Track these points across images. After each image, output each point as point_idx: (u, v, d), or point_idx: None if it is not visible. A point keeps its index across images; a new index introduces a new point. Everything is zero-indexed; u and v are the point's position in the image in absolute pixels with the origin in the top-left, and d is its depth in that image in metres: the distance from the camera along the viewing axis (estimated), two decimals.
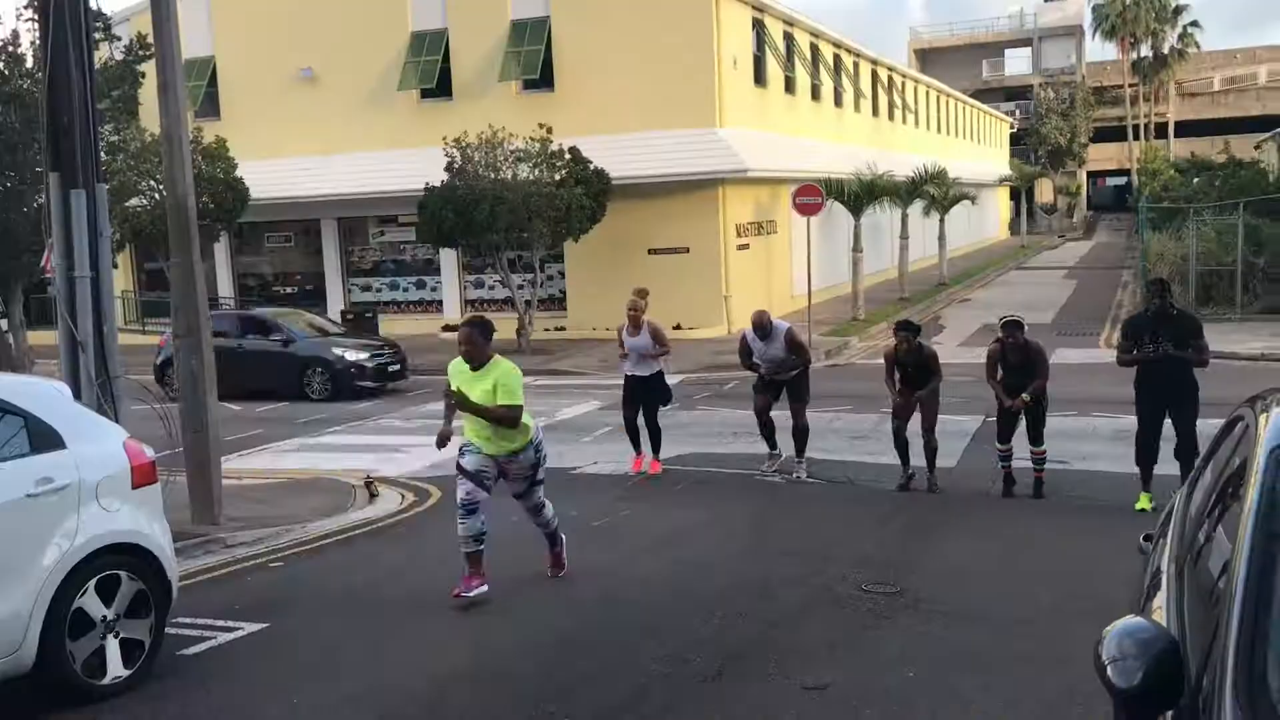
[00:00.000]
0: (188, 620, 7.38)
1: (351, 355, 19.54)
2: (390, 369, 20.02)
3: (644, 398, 12.20)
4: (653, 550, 9.12)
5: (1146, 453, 10.03)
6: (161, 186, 20.57)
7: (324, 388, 19.23)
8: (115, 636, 6.17)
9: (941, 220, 36.76)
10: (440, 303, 28.61)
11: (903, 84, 45.40)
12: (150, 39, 10.96)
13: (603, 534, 9.73)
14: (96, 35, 12.65)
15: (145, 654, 6.33)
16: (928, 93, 50.35)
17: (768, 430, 12.16)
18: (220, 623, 7.45)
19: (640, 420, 12.27)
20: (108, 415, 8.51)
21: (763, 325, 11.69)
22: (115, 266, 10.80)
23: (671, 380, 20.38)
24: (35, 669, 5.81)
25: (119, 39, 20.39)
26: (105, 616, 6.13)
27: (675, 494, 11.39)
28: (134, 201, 24.45)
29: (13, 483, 5.86)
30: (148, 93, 16.44)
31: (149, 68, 14.34)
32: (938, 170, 33.98)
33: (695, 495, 11.32)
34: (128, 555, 6.31)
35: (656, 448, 12.34)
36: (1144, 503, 9.99)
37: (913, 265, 34.30)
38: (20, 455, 5.99)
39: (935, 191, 34.61)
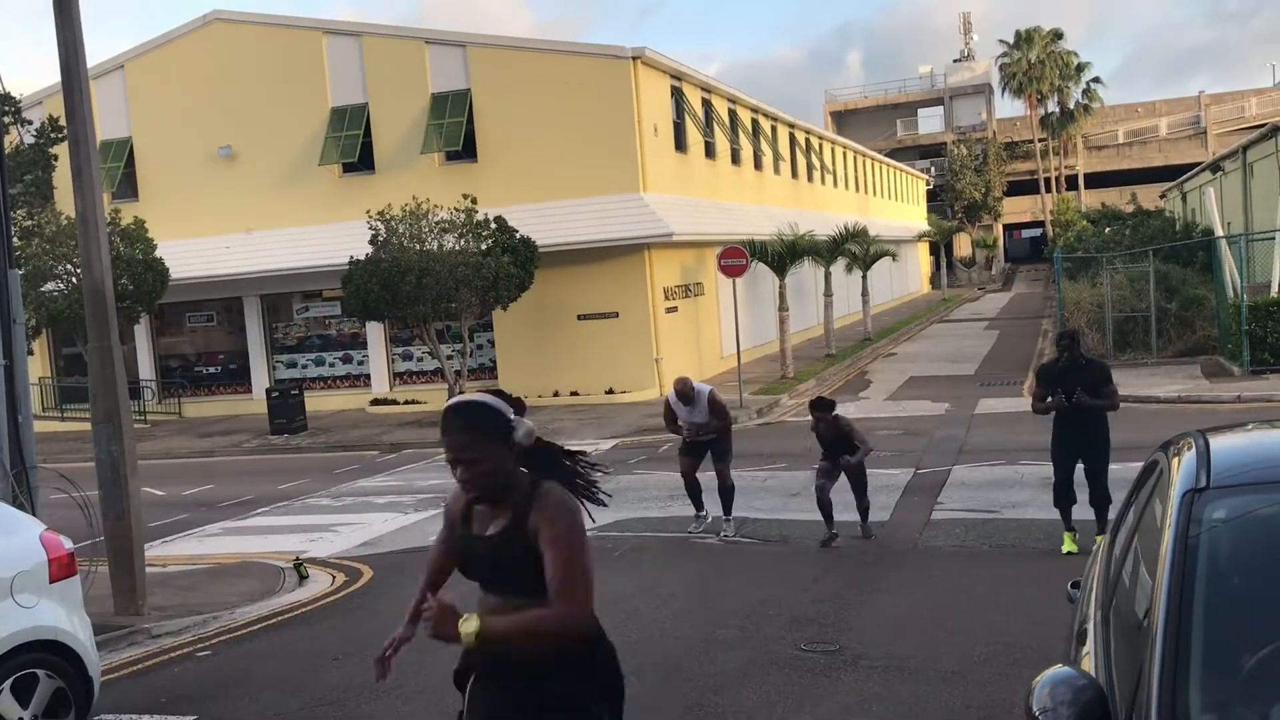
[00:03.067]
0: (111, 716, 7.14)
1: None
2: None
3: None
4: None
5: (1064, 496, 10.32)
6: (79, 270, 20.25)
7: None
8: None
9: (864, 277, 37.38)
10: (368, 376, 28.34)
11: (820, 145, 46.36)
12: (63, 121, 10.84)
13: None
14: (6, 119, 12.49)
15: None
16: (845, 153, 51.45)
17: (695, 492, 12.31)
18: (146, 717, 7.21)
19: None
20: (24, 507, 8.27)
21: (685, 392, 11.99)
22: (31, 353, 10.58)
23: (605, 445, 20.39)
24: None
25: (30, 123, 20.20)
26: (22, 718, 5.90)
27: (612, 560, 11.30)
28: (50, 286, 24.04)
29: None
30: (63, 175, 16.26)
31: (63, 150, 14.16)
32: (858, 228, 34.60)
33: (632, 561, 11.25)
34: (46, 652, 6.10)
35: None
36: (1069, 544, 10.25)
37: (838, 321, 34.79)
38: None
39: (856, 249, 35.19)
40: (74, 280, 23.32)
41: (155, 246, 25.42)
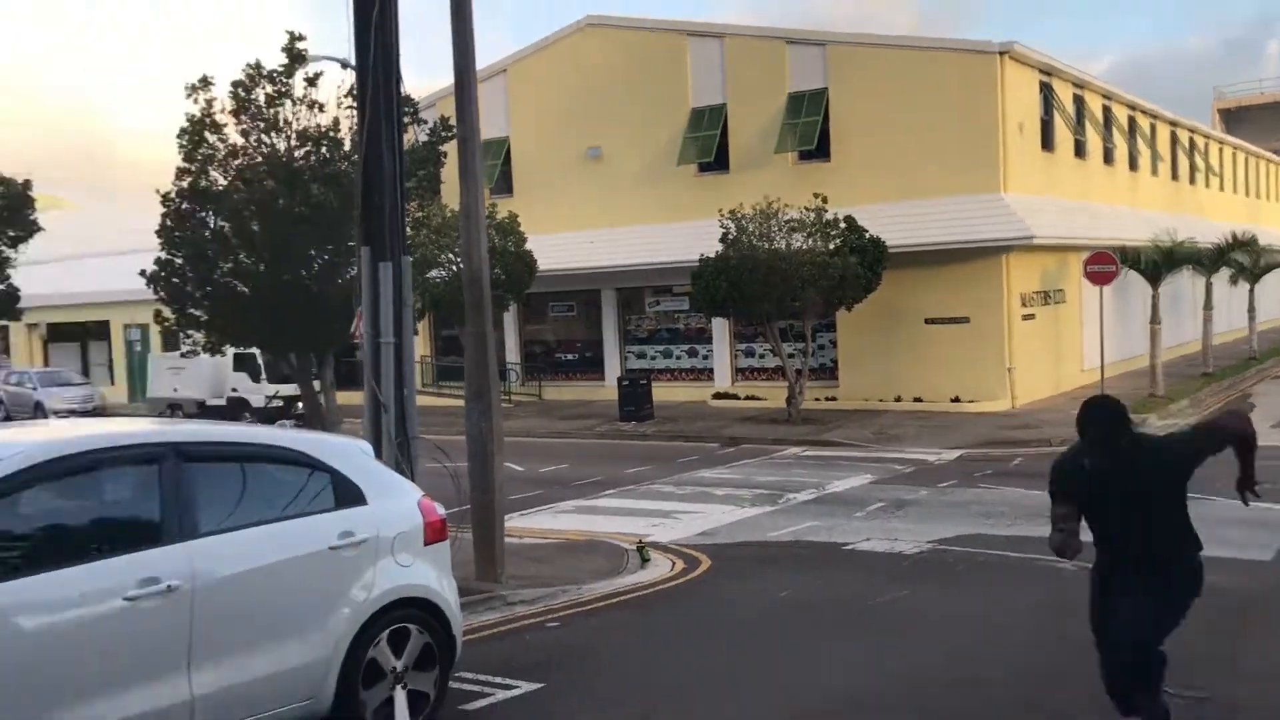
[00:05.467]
0: (469, 675, 7.63)
1: None
2: None
3: None
4: (928, 636, 8.72)
5: None
6: (459, 259, 21.98)
7: None
8: (404, 688, 6.43)
9: (1251, 290, 33.95)
10: (711, 371, 28.90)
11: (1205, 145, 42.51)
12: (453, 122, 11.76)
13: (877, 615, 9.40)
14: (405, 120, 13.69)
15: (430, 707, 6.57)
16: (1234, 154, 46.88)
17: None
18: (499, 679, 7.67)
19: None
20: (404, 474, 9.02)
21: None
22: (416, 333, 11.55)
23: (948, 455, 19.69)
24: (330, 715, 6.13)
25: (425, 122, 22.11)
26: (395, 668, 6.40)
27: (955, 576, 10.88)
28: (434, 273, 26.20)
29: (319, 535, 6.27)
30: (448, 171, 17.70)
31: (450, 148, 15.39)
32: (1247, 237, 31.47)
33: (975, 579, 10.76)
34: (417, 609, 6.59)
35: None
36: None
37: (1218, 338, 31.74)
38: (326, 509, 6.41)
39: (1244, 259, 32.03)
40: (454, 268, 25.31)
41: (525, 240, 27.12)
